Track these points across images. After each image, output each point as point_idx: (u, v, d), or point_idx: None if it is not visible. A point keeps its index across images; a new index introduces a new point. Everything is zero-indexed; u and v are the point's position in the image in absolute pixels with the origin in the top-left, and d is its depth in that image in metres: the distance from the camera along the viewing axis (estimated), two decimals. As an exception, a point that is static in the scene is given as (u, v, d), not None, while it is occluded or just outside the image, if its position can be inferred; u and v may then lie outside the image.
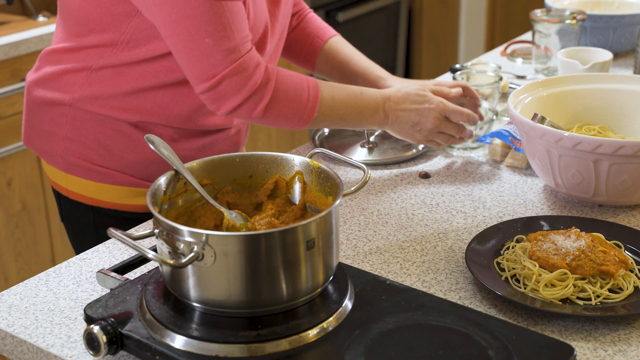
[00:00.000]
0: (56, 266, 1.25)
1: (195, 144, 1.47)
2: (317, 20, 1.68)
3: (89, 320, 1.03)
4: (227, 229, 1.10)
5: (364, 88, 1.48)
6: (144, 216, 1.47)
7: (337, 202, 1.03)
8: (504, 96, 1.89)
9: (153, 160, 1.46)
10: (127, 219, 1.48)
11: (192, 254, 0.96)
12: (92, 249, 1.29)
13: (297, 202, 1.16)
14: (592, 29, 2.13)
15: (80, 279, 1.21)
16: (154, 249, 1.11)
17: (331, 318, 1.01)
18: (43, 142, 1.50)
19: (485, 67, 1.86)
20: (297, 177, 1.15)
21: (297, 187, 1.16)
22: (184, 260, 0.95)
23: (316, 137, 1.69)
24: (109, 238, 1.34)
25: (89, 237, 1.52)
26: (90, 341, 1.00)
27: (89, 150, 1.45)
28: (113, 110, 1.42)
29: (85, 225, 1.53)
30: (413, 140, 1.52)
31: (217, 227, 1.13)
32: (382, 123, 1.48)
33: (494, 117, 1.65)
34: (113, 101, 1.41)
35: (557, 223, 1.29)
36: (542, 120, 1.41)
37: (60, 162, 1.48)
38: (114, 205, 1.48)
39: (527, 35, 2.35)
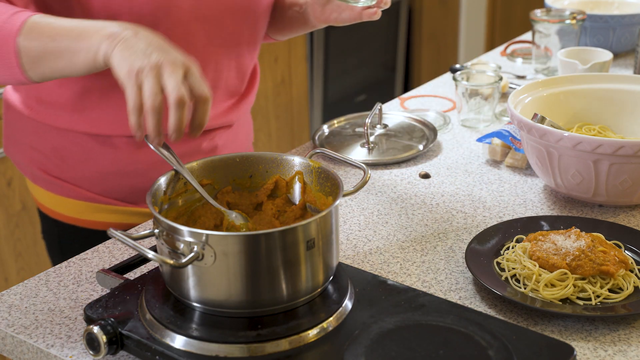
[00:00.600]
0: (56, 266, 1.24)
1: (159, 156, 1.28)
2: None
3: (89, 320, 1.03)
4: (227, 229, 1.10)
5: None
6: (105, 234, 1.38)
7: (337, 202, 1.03)
8: (504, 96, 1.89)
9: (109, 172, 1.39)
10: (87, 236, 1.42)
11: (192, 254, 0.96)
12: (91, 249, 1.29)
13: (297, 202, 1.16)
14: (592, 29, 2.13)
15: (80, 279, 1.21)
16: (154, 249, 1.11)
17: (331, 318, 1.01)
18: (15, 150, 1.46)
19: (485, 67, 1.86)
20: (297, 177, 1.15)
21: (297, 187, 1.16)
22: (184, 260, 0.95)
23: (316, 137, 1.69)
24: (73, 254, 1.30)
25: (56, 251, 1.48)
26: (90, 341, 1.00)
27: (47, 161, 1.40)
28: (65, 122, 1.36)
29: (52, 238, 1.49)
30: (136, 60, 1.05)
31: (217, 227, 1.13)
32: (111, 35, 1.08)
33: None
34: (63, 114, 1.36)
35: (557, 223, 1.29)
36: (542, 120, 1.41)
37: (28, 172, 1.45)
38: (72, 220, 1.43)
39: (527, 35, 2.35)
